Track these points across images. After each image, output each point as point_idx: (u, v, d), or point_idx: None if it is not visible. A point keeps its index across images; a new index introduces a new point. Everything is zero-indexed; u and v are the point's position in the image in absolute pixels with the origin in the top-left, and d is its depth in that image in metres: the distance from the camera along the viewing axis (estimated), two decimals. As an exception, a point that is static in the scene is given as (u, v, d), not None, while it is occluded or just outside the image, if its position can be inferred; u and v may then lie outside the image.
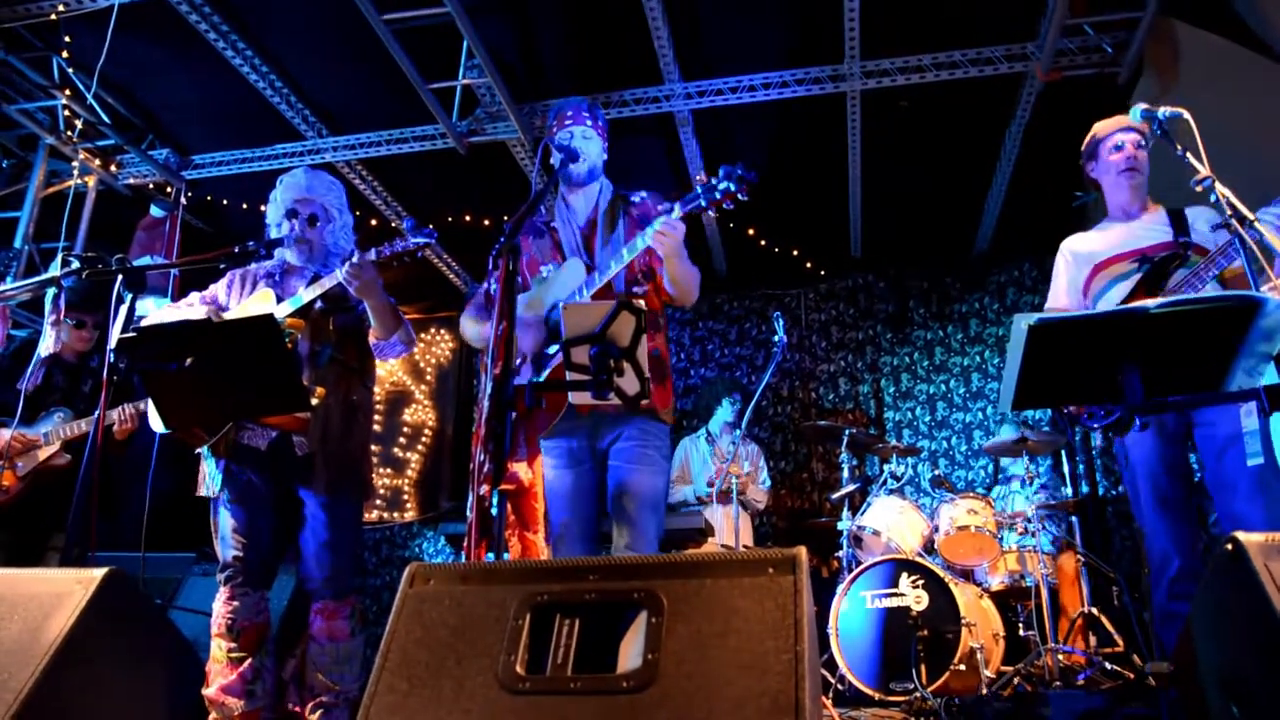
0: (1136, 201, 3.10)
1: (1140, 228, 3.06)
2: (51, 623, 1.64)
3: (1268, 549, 1.45)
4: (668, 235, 2.62)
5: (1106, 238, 3.10)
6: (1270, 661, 1.38)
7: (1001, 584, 4.64)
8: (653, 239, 2.63)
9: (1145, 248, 2.97)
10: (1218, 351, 2.07)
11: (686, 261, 2.77)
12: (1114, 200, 3.15)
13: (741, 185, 2.54)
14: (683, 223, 2.64)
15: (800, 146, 5.92)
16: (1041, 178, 5.93)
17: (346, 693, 2.88)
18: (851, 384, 7.28)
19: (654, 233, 2.62)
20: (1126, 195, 3.10)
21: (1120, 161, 3.07)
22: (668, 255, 2.68)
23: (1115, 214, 3.16)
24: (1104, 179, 3.18)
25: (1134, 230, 3.07)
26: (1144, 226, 3.06)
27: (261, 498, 2.92)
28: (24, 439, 3.73)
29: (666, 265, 2.74)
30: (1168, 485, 2.81)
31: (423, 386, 8.05)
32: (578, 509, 2.81)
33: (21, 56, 5.20)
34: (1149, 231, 3.03)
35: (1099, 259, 3.06)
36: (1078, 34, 4.77)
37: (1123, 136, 3.10)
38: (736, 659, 1.30)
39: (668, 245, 2.63)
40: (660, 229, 2.61)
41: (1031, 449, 5.02)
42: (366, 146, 5.85)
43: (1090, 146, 3.21)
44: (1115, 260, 3.02)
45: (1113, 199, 3.16)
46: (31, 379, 3.78)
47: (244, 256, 2.84)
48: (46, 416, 3.81)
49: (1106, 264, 3.03)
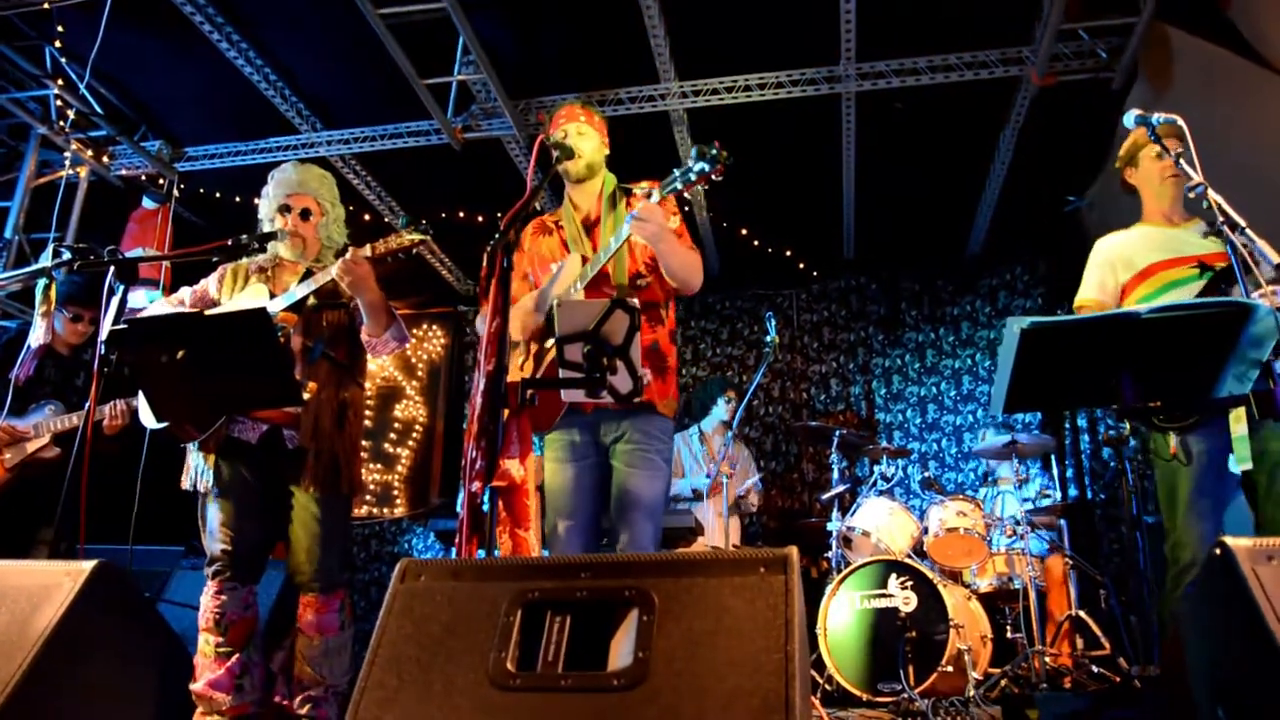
0: (1178, 210, 3.08)
1: (1187, 234, 3.02)
2: (40, 615, 1.63)
3: (1255, 554, 1.46)
4: (645, 220, 2.57)
5: (1151, 243, 3.05)
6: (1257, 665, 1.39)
7: (990, 586, 4.66)
8: (632, 226, 2.59)
9: (1203, 255, 2.92)
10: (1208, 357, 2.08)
11: (678, 247, 2.75)
12: (1156, 206, 3.12)
13: (715, 164, 2.50)
14: (660, 207, 2.60)
15: (794, 147, 5.92)
16: (1035, 182, 5.95)
17: (335, 686, 2.88)
18: (843, 385, 7.30)
19: (633, 220, 2.59)
20: (1170, 203, 3.08)
21: (1167, 168, 3.06)
22: (651, 241, 2.65)
23: (1155, 219, 3.12)
24: (1145, 185, 3.16)
25: (1179, 236, 3.02)
26: (1190, 234, 3.02)
27: (251, 492, 2.91)
28: (13, 431, 3.72)
29: (660, 252, 2.72)
30: (1213, 489, 2.76)
31: (414, 382, 8.03)
32: (578, 505, 2.81)
33: (13, 45, 5.17)
34: (1199, 240, 2.98)
35: (1147, 262, 3.00)
36: (1072, 39, 4.79)
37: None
38: (727, 657, 1.30)
39: (647, 230, 2.59)
40: (637, 214, 2.57)
41: (1020, 452, 5.05)
42: (361, 141, 5.83)
43: (1130, 153, 3.20)
44: (1169, 265, 2.96)
45: (1155, 205, 3.12)
46: (23, 370, 3.75)
47: (237, 250, 2.83)
48: (37, 409, 3.79)
49: (1157, 268, 2.97)
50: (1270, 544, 1.47)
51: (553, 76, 5.40)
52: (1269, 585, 1.41)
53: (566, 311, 2.19)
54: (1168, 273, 2.95)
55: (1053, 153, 5.69)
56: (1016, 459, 5.06)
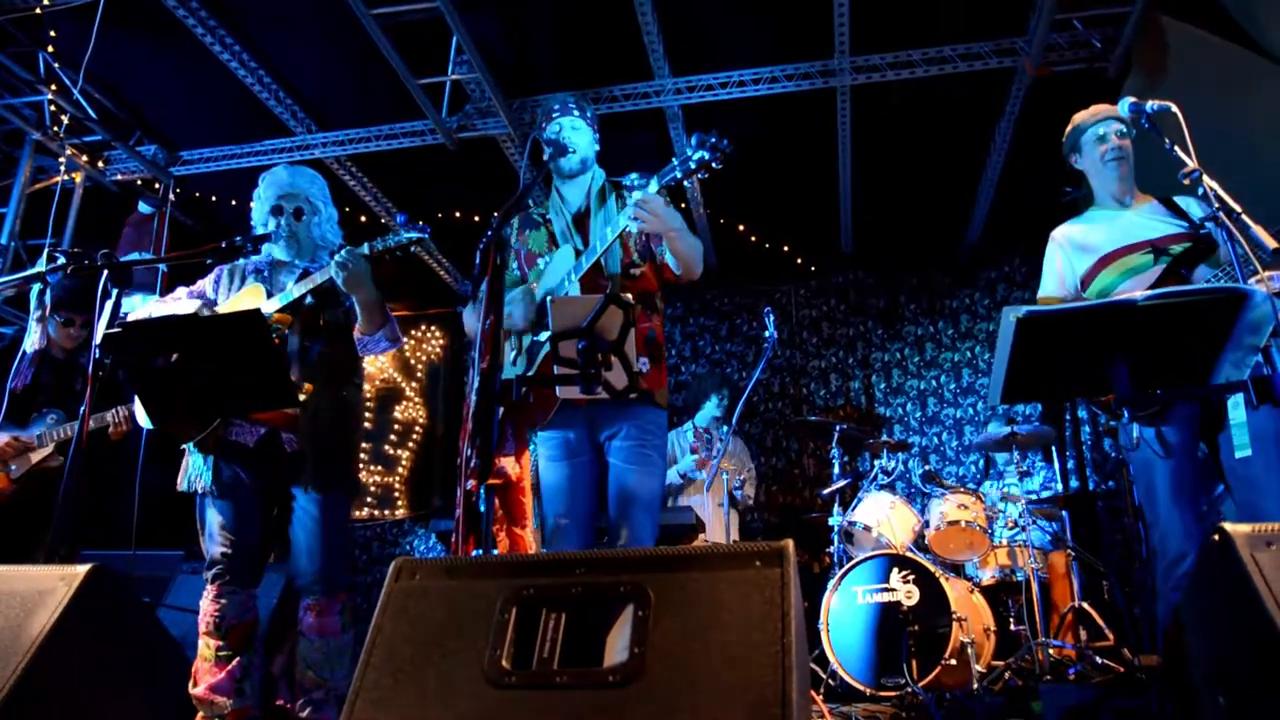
0: (1127, 190, 3.08)
1: (1139, 217, 3.01)
2: (34, 620, 1.63)
3: (1255, 540, 1.45)
4: (645, 208, 2.56)
5: (1106, 228, 3.04)
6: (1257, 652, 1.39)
7: (992, 578, 4.65)
8: (632, 214, 2.59)
9: (1155, 239, 2.91)
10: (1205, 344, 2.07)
11: (684, 233, 2.73)
12: (1104, 190, 3.12)
13: (715, 153, 2.50)
14: (660, 196, 2.59)
15: (790, 142, 5.91)
16: (1032, 173, 5.93)
17: (336, 689, 2.86)
18: (842, 379, 7.29)
19: (632, 208, 2.58)
20: (1117, 184, 3.07)
21: (1107, 151, 3.06)
22: (657, 231, 2.65)
23: (1106, 203, 3.12)
24: (1090, 170, 3.16)
25: (1133, 220, 3.01)
26: (1143, 216, 3.00)
27: (250, 494, 2.90)
28: (18, 442, 3.74)
29: (666, 243, 2.72)
30: (1190, 478, 2.74)
31: (413, 384, 8.03)
32: (574, 502, 2.80)
33: (6, 51, 5.16)
34: (1152, 222, 2.97)
35: (1106, 250, 2.99)
36: (1067, 29, 4.78)
37: (1104, 127, 3.09)
38: (723, 652, 1.29)
39: (648, 219, 2.58)
40: (637, 202, 2.57)
41: (1021, 444, 5.03)
42: (356, 142, 5.82)
43: (1071, 138, 3.19)
44: (1126, 251, 2.95)
45: (1103, 189, 3.12)
46: (19, 380, 3.76)
47: (231, 252, 2.82)
48: (39, 419, 3.80)
49: (1116, 255, 2.96)
50: (1269, 529, 1.46)
51: (547, 75, 5.40)
52: (1268, 571, 1.40)
53: (560, 308, 2.19)
54: (1125, 259, 2.94)
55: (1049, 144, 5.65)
56: (1017, 451, 5.04)
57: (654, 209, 2.57)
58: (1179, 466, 2.73)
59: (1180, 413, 2.72)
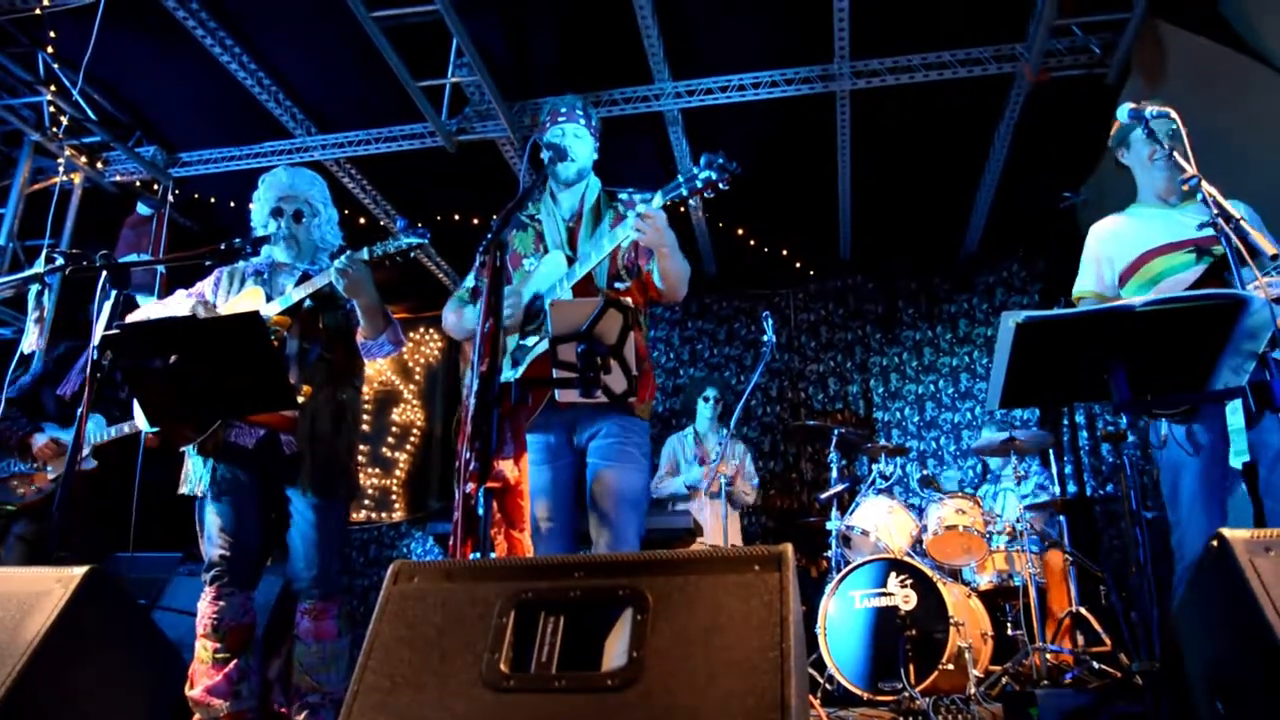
0: (1173, 190, 3.00)
1: (1184, 216, 2.93)
2: (30, 621, 1.62)
3: (1253, 545, 1.45)
4: (648, 222, 2.54)
5: (1149, 225, 2.98)
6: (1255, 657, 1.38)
7: (989, 583, 4.65)
8: (634, 227, 2.56)
9: (1198, 239, 2.82)
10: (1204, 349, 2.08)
11: (677, 255, 2.71)
12: (1149, 188, 3.06)
13: (723, 174, 2.49)
14: (663, 211, 2.57)
15: (790, 146, 5.92)
16: (1031, 178, 5.95)
17: (333, 693, 2.86)
18: (840, 384, 7.29)
19: (634, 220, 2.56)
20: (1164, 184, 3.01)
21: (1156, 152, 2.95)
22: (653, 245, 2.62)
23: (1150, 200, 3.06)
24: (1137, 166, 3.09)
25: (1178, 219, 2.94)
26: (1189, 215, 2.91)
27: (248, 497, 2.90)
28: (57, 444, 4.06)
29: (657, 259, 2.70)
30: (1218, 480, 2.67)
31: (411, 386, 8.02)
32: (557, 505, 2.78)
33: (6, 51, 5.16)
34: (1197, 221, 2.91)
35: (1148, 246, 2.93)
36: (1066, 35, 4.79)
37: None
38: (722, 656, 1.29)
39: (649, 234, 2.56)
40: (641, 215, 2.55)
41: (1019, 449, 5.04)
42: (355, 145, 5.82)
43: (1120, 133, 3.10)
44: (1169, 249, 2.89)
45: (1148, 187, 3.06)
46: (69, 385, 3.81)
47: (230, 253, 2.82)
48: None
49: (1158, 252, 2.90)
50: (1268, 535, 1.46)
51: (547, 78, 5.40)
52: (1267, 577, 1.40)
53: (559, 311, 2.18)
54: (1165, 258, 2.88)
55: (1048, 149, 5.69)
56: (1015, 456, 5.05)
57: (657, 224, 2.56)
58: (1207, 468, 2.66)
59: (1211, 411, 2.65)
